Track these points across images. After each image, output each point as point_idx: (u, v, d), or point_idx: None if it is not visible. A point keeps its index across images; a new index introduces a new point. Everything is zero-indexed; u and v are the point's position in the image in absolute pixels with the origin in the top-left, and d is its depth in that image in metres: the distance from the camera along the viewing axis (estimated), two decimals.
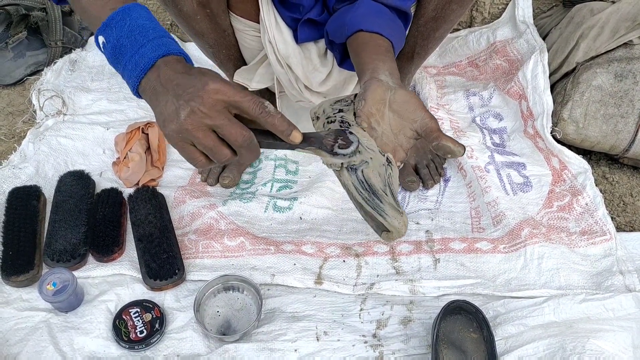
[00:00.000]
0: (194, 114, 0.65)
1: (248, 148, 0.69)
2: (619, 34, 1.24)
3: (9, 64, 1.59)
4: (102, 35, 0.71)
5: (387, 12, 0.99)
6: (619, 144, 1.23)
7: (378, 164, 0.80)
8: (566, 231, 1.10)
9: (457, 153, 0.78)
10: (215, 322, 1.01)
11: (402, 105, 0.82)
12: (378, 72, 0.85)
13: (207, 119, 0.66)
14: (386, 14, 0.98)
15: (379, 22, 0.95)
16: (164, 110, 0.68)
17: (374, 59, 0.88)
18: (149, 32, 0.70)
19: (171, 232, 1.12)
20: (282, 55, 1.10)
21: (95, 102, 1.48)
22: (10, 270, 1.04)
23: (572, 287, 1.00)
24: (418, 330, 0.97)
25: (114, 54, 0.71)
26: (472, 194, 1.21)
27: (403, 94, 0.81)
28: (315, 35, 1.10)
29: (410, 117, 0.81)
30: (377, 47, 0.91)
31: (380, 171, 0.80)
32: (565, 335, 0.90)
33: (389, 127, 0.83)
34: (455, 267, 1.07)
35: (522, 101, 1.34)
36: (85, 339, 0.97)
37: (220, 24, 1.09)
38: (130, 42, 0.70)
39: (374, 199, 0.78)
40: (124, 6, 0.71)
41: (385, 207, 0.77)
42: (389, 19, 0.98)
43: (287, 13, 1.07)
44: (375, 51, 0.90)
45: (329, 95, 1.22)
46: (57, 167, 1.30)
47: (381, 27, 0.94)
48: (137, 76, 0.70)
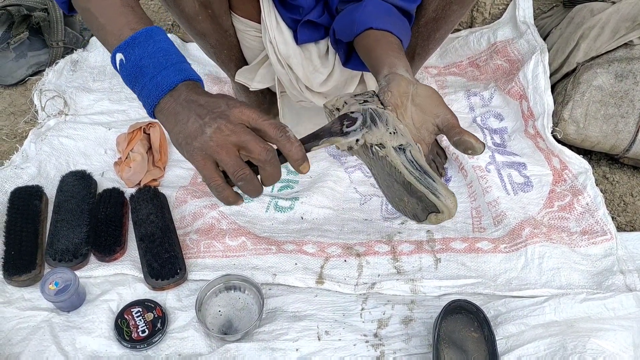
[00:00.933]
0: (220, 131, 0.67)
1: (271, 164, 0.70)
2: (619, 34, 1.25)
3: (11, 65, 1.60)
4: (121, 53, 0.73)
5: (395, 11, 1.00)
6: (620, 144, 1.23)
7: (417, 149, 0.80)
8: (567, 231, 1.11)
9: (477, 150, 0.78)
10: (217, 321, 1.01)
11: (424, 100, 0.82)
12: (397, 67, 0.85)
13: (233, 135, 0.68)
14: (394, 13, 0.99)
15: (388, 20, 0.96)
16: (185, 128, 0.69)
17: (390, 55, 0.89)
18: (172, 56, 0.73)
19: (173, 232, 1.12)
20: (283, 55, 1.10)
21: (97, 102, 1.48)
22: (12, 269, 1.04)
23: (572, 286, 1.01)
24: (419, 329, 0.98)
25: (133, 73, 0.73)
26: (473, 194, 1.21)
27: (425, 88, 0.83)
28: (316, 36, 1.10)
29: (433, 112, 0.82)
30: (390, 44, 0.91)
31: (418, 153, 0.79)
32: (566, 334, 0.90)
33: (411, 120, 0.83)
34: (456, 266, 1.07)
35: (523, 101, 1.34)
36: (87, 338, 0.97)
37: (221, 24, 1.10)
38: (152, 63, 0.72)
39: (426, 178, 0.77)
40: (148, 28, 0.74)
41: (438, 187, 0.77)
42: (397, 18, 0.99)
43: (287, 14, 1.07)
44: (389, 48, 0.90)
45: (330, 95, 1.22)
46: (58, 167, 1.30)
47: (391, 26, 0.95)
48: (157, 96, 0.72)
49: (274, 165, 0.71)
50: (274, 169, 0.71)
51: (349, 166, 1.31)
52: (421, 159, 0.79)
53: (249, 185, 0.70)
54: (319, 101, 1.21)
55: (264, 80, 1.21)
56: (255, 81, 1.20)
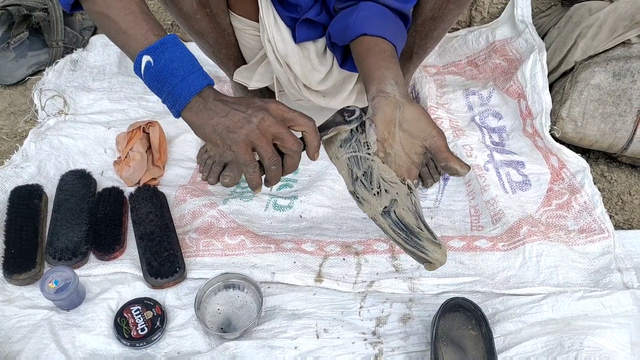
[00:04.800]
0: (264, 122, 0.77)
1: (299, 154, 0.80)
2: (617, 33, 1.25)
3: (11, 64, 1.60)
4: (149, 55, 0.80)
5: (390, 14, 0.99)
6: (617, 143, 1.23)
7: (404, 196, 0.82)
8: (565, 229, 1.11)
9: (462, 174, 0.82)
10: (216, 319, 1.02)
11: (411, 124, 0.83)
12: (385, 82, 0.85)
13: (274, 127, 0.78)
14: (389, 16, 0.98)
15: (382, 25, 0.95)
16: (225, 120, 0.78)
17: (380, 66, 0.88)
18: (196, 62, 0.82)
19: (172, 231, 1.13)
20: (281, 54, 1.11)
21: (97, 102, 1.48)
22: (12, 268, 1.05)
23: (570, 284, 1.01)
24: (417, 327, 0.98)
25: (163, 74, 0.80)
26: (471, 193, 1.22)
27: (411, 110, 0.83)
28: (314, 34, 1.11)
29: (420, 135, 0.83)
30: (382, 52, 0.91)
31: (408, 204, 0.82)
32: (563, 332, 0.91)
33: (400, 146, 0.85)
34: (455, 265, 1.07)
35: (521, 100, 1.35)
36: (86, 336, 0.98)
37: (220, 23, 1.10)
38: (182, 66, 0.79)
39: (412, 238, 0.81)
40: (172, 35, 0.82)
41: (424, 244, 0.81)
42: (391, 22, 0.98)
43: (286, 13, 1.07)
44: (380, 57, 0.90)
45: (328, 94, 1.22)
46: (58, 166, 1.30)
47: (385, 31, 0.94)
48: (188, 95, 0.79)
49: (300, 155, 0.81)
50: (298, 159, 0.81)
51: None
52: (406, 216, 0.81)
53: (276, 172, 0.80)
54: (318, 100, 1.21)
55: (262, 79, 1.21)
56: (254, 80, 1.21)
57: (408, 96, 0.85)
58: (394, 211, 0.82)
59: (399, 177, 0.85)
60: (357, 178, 0.86)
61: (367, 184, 0.84)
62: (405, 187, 0.83)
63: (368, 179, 0.84)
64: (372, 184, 0.84)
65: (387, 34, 0.94)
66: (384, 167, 0.84)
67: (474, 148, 1.26)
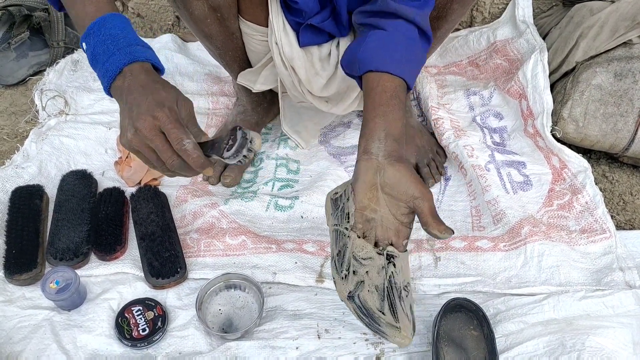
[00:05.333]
0: (138, 135, 0.76)
1: (179, 171, 0.79)
2: (619, 33, 1.25)
3: (12, 64, 1.60)
4: (84, 42, 0.81)
5: (401, 36, 0.91)
6: (619, 143, 1.23)
7: (375, 273, 0.82)
8: (566, 229, 1.11)
9: (442, 238, 0.82)
10: (217, 320, 1.02)
11: (393, 187, 0.82)
12: (372, 138, 0.83)
13: (148, 140, 0.76)
14: (400, 40, 0.91)
15: (389, 56, 0.89)
16: (121, 121, 0.79)
17: (375, 114, 0.85)
18: (120, 41, 0.79)
19: (173, 231, 1.13)
20: (287, 57, 1.11)
21: (98, 102, 1.48)
22: (13, 268, 1.05)
23: (572, 284, 1.01)
24: (419, 328, 0.98)
25: (92, 60, 0.81)
26: (473, 193, 1.22)
27: (392, 173, 0.81)
28: (318, 40, 1.11)
29: (403, 198, 0.82)
30: (383, 93, 0.87)
31: (378, 281, 0.82)
32: (565, 332, 0.90)
33: (387, 209, 0.84)
34: (456, 265, 1.07)
35: (522, 100, 1.35)
36: (87, 336, 0.97)
37: (229, 27, 1.10)
38: (103, 50, 0.78)
39: (373, 323, 0.83)
40: (102, 17, 0.79)
41: (383, 329, 0.83)
42: (402, 46, 0.90)
43: (291, 17, 1.08)
44: (378, 100, 0.86)
45: (331, 100, 1.22)
46: (59, 166, 1.30)
47: (391, 63, 0.88)
48: (107, 81, 0.79)
49: (181, 172, 0.80)
50: (181, 174, 0.81)
51: (348, 165, 1.31)
52: (369, 299, 0.82)
53: (181, 169, 0.79)
54: (320, 105, 1.21)
55: (266, 81, 1.21)
56: (259, 83, 1.21)
57: (394, 153, 0.82)
58: (357, 295, 0.83)
59: (385, 241, 0.85)
60: (333, 258, 0.88)
61: (338, 266, 0.87)
62: (380, 261, 0.83)
63: (340, 259, 0.86)
64: (342, 266, 0.86)
65: (393, 66, 0.88)
66: (359, 243, 0.84)
67: (475, 148, 1.26)
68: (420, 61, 0.95)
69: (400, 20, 0.91)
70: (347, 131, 1.40)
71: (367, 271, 0.83)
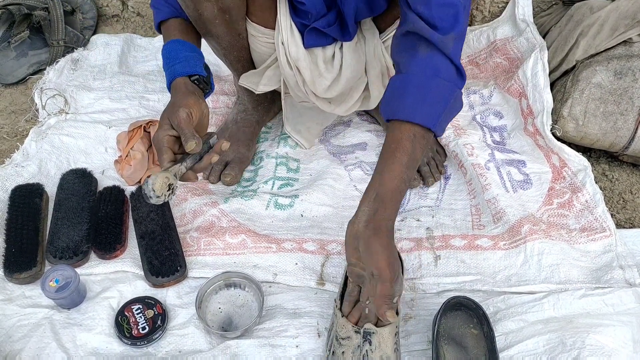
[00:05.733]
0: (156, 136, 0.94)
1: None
2: (619, 31, 1.25)
3: (12, 63, 1.60)
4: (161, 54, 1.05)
5: (422, 74, 0.85)
6: (619, 142, 1.23)
7: (350, 353, 0.87)
8: (566, 228, 1.11)
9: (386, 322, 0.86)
10: (217, 318, 1.02)
11: (363, 257, 0.83)
12: (364, 199, 0.84)
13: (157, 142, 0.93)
14: (417, 82, 0.84)
15: (401, 101, 0.84)
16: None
17: (376, 170, 0.85)
18: (170, 61, 1.02)
19: (173, 230, 1.13)
20: (293, 57, 1.11)
21: (97, 101, 1.48)
22: (13, 267, 1.05)
23: (572, 282, 1.01)
24: (419, 326, 0.98)
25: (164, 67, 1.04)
26: (473, 192, 1.22)
27: (363, 244, 0.82)
28: (322, 42, 1.11)
29: (368, 270, 0.83)
30: (390, 144, 0.84)
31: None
32: (565, 330, 0.90)
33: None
34: (456, 263, 1.07)
35: (522, 99, 1.35)
36: (87, 335, 0.98)
37: (236, 28, 1.11)
38: (165, 64, 1.03)
39: None
40: (165, 44, 1.05)
41: None
42: (419, 87, 0.84)
43: (297, 19, 1.08)
44: (384, 154, 0.84)
45: (334, 101, 1.22)
46: (59, 165, 1.30)
47: (403, 109, 0.84)
48: (167, 87, 1.02)
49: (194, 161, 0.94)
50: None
51: (348, 164, 1.31)
52: None
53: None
54: (323, 106, 1.21)
55: (270, 82, 1.22)
56: (262, 84, 1.21)
57: (373, 221, 0.81)
58: None
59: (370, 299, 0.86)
60: (325, 329, 0.97)
61: (327, 343, 0.93)
62: (357, 340, 0.87)
63: (329, 338, 0.93)
64: (327, 346, 0.92)
65: (404, 112, 0.83)
66: (341, 323, 0.89)
67: (475, 147, 1.26)
68: (443, 98, 0.85)
69: (424, 54, 0.84)
70: (347, 130, 1.40)
71: (343, 352, 0.87)
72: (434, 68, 0.84)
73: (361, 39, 1.16)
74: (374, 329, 0.86)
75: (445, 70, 0.85)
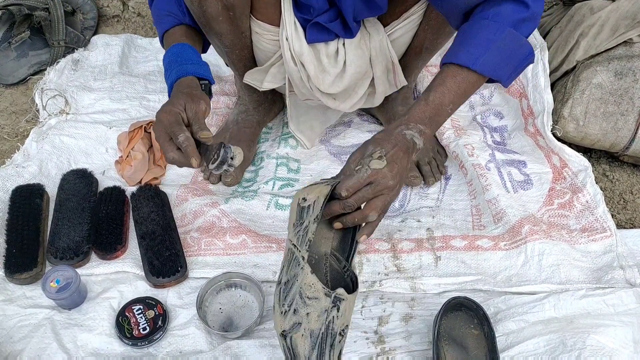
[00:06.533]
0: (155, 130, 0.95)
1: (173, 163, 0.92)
2: (619, 32, 1.25)
3: (12, 64, 1.60)
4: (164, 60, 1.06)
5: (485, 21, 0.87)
6: (619, 142, 1.23)
7: (315, 317, 0.79)
8: (567, 228, 1.11)
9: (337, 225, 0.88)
10: (218, 319, 1.02)
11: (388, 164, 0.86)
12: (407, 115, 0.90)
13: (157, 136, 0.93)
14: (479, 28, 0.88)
15: (460, 47, 0.89)
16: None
17: (420, 98, 0.91)
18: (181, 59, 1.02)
19: (174, 230, 1.13)
20: (297, 52, 1.11)
21: (98, 102, 1.48)
22: (13, 267, 1.05)
23: (572, 282, 1.01)
24: (419, 326, 0.98)
25: (165, 71, 1.05)
26: (473, 192, 1.22)
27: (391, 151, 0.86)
28: (324, 37, 1.11)
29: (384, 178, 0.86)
30: (435, 79, 0.91)
31: (315, 326, 0.79)
32: (566, 330, 0.91)
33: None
34: (456, 264, 1.07)
35: (523, 99, 1.35)
36: (88, 335, 0.98)
37: (240, 26, 1.11)
38: (167, 65, 1.04)
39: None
40: (173, 45, 1.05)
41: None
42: (478, 32, 0.87)
43: (299, 14, 1.08)
44: (428, 89, 0.91)
45: (339, 97, 1.22)
46: (60, 165, 1.30)
47: (457, 54, 0.88)
48: (169, 88, 1.02)
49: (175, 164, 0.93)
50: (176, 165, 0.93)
51: None
52: (300, 344, 0.80)
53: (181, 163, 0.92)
54: (328, 102, 1.21)
55: (274, 79, 1.21)
56: (266, 81, 1.21)
57: (384, 133, 0.89)
58: (290, 337, 0.80)
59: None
60: (280, 282, 0.84)
61: (282, 297, 0.83)
62: (325, 303, 0.80)
63: (286, 290, 0.83)
64: (286, 300, 0.82)
65: (449, 55, 0.90)
66: (310, 281, 0.80)
67: (475, 147, 1.26)
68: (486, 38, 0.87)
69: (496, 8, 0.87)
70: (348, 130, 1.40)
71: (308, 313, 0.80)
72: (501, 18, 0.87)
73: (365, 35, 1.16)
74: (345, 295, 0.80)
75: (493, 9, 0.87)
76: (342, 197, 0.84)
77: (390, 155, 0.85)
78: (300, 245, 0.83)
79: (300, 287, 0.81)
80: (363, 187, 0.84)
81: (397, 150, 0.86)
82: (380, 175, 0.84)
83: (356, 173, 0.84)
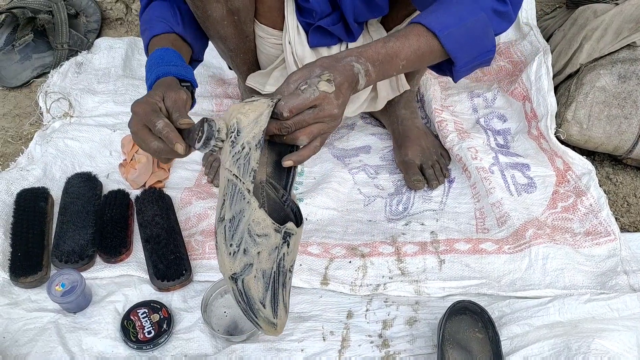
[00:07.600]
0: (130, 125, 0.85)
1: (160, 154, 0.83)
2: (623, 35, 1.25)
3: (16, 67, 1.61)
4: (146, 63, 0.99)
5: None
6: (623, 145, 1.23)
7: (266, 255, 0.76)
8: (570, 232, 1.11)
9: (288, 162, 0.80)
10: (223, 322, 1.02)
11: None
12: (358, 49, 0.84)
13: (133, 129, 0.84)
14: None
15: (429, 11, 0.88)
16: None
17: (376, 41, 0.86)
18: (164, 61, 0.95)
19: (178, 233, 1.13)
20: (299, 56, 1.12)
21: (102, 104, 1.48)
22: (19, 271, 1.05)
23: (576, 287, 1.01)
24: (424, 330, 0.98)
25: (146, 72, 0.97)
26: (477, 195, 1.22)
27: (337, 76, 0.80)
28: (327, 41, 1.12)
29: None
30: (399, 32, 0.86)
31: (266, 266, 0.76)
32: (570, 335, 0.91)
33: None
34: (460, 267, 1.07)
35: (526, 102, 1.35)
36: (93, 339, 0.98)
37: (244, 30, 1.11)
38: (148, 69, 0.96)
39: (249, 312, 0.78)
40: (156, 49, 0.98)
41: (259, 322, 0.79)
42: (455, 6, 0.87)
43: (302, 18, 1.08)
44: (389, 36, 0.86)
45: None
46: (64, 168, 1.31)
47: (426, 16, 0.87)
48: (149, 87, 0.94)
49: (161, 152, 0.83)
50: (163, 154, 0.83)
51: (352, 167, 1.32)
52: (253, 287, 0.76)
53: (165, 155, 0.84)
54: None
55: (277, 83, 1.22)
56: (269, 85, 1.22)
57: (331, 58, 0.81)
58: (242, 280, 0.76)
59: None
60: (222, 219, 0.77)
61: (228, 236, 0.76)
62: (276, 239, 0.75)
63: (233, 228, 0.76)
64: (233, 239, 0.76)
65: (421, 16, 0.88)
66: (258, 216, 0.74)
67: (479, 150, 1.26)
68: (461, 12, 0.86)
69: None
70: (351, 133, 1.41)
71: (259, 252, 0.75)
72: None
73: (368, 39, 1.16)
74: (294, 230, 0.76)
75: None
76: (282, 117, 0.76)
77: (338, 82, 0.78)
78: (242, 176, 0.74)
79: (249, 224, 0.75)
80: (306, 109, 0.77)
81: (343, 80, 0.79)
82: (327, 100, 0.77)
83: (302, 93, 0.76)
